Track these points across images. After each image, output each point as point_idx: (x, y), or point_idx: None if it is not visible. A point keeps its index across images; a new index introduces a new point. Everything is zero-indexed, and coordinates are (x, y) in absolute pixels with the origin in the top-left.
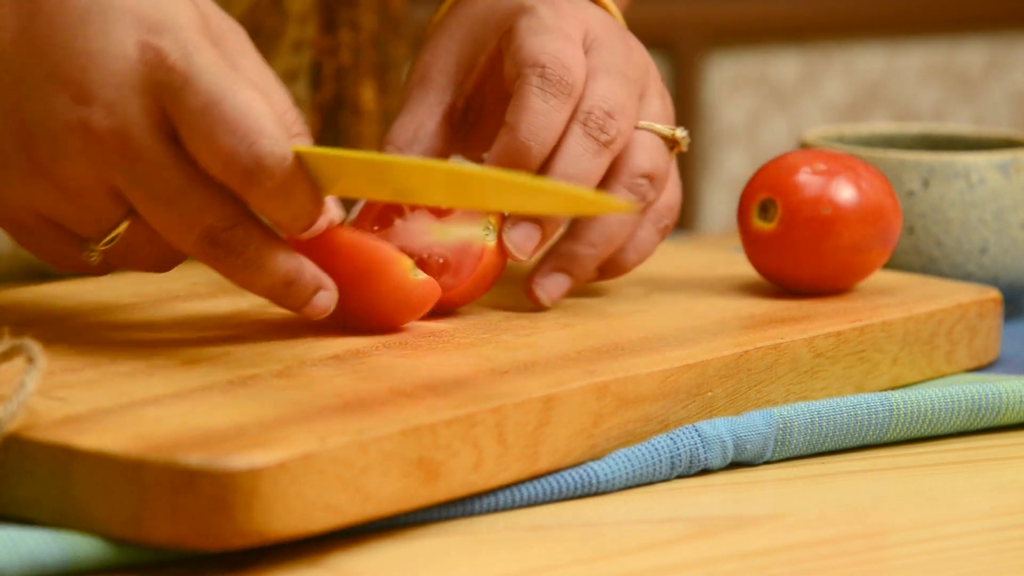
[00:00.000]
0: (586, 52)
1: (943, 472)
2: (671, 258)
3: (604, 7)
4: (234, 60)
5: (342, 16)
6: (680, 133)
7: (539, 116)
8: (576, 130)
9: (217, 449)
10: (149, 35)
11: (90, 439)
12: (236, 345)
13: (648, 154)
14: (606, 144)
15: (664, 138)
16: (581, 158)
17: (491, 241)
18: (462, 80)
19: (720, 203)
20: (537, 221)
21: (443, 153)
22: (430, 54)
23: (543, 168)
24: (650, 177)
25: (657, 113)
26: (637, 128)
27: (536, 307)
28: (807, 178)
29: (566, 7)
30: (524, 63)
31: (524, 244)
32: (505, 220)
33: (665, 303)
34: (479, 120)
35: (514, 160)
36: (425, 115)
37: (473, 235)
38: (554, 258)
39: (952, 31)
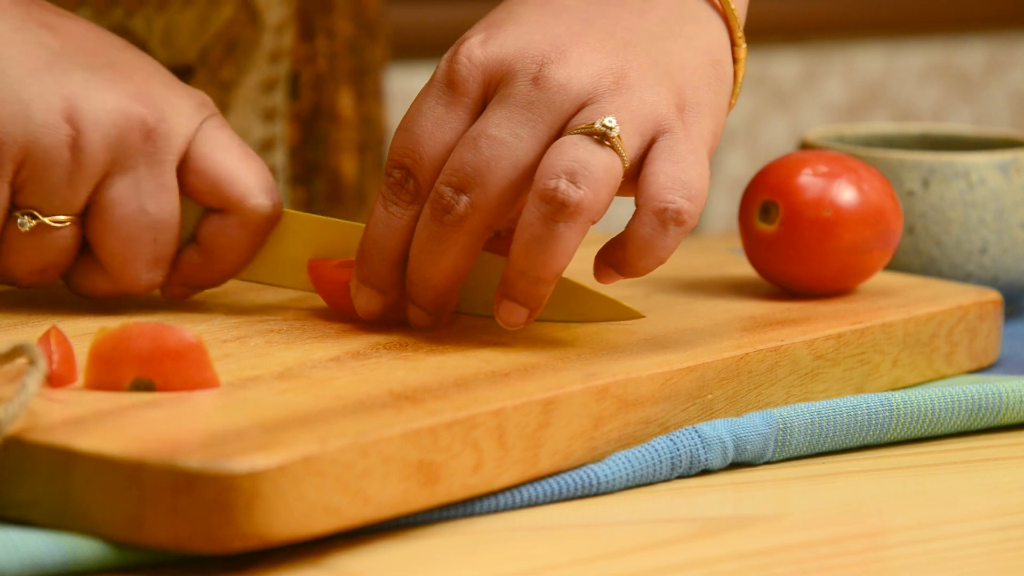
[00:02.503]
0: (491, 97)
1: (943, 472)
2: (671, 259)
3: None
4: None
5: (318, 24)
6: (600, 125)
7: (378, 225)
8: (425, 213)
9: (217, 451)
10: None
11: (90, 441)
12: (236, 347)
13: (561, 154)
14: (452, 224)
15: (587, 135)
16: (427, 243)
17: None
18: None
19: (720, 204)
20: (369, 282)
21: None
22: None
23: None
24: (566, 174)
25: (589, 116)
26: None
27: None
28: (808, 180)
29: (468, 57)
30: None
31: (362, 305)
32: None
33: (665, 304)
34: None
35: (363, 268)
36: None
37: None
38: (500, 284)
39: (952, 31)
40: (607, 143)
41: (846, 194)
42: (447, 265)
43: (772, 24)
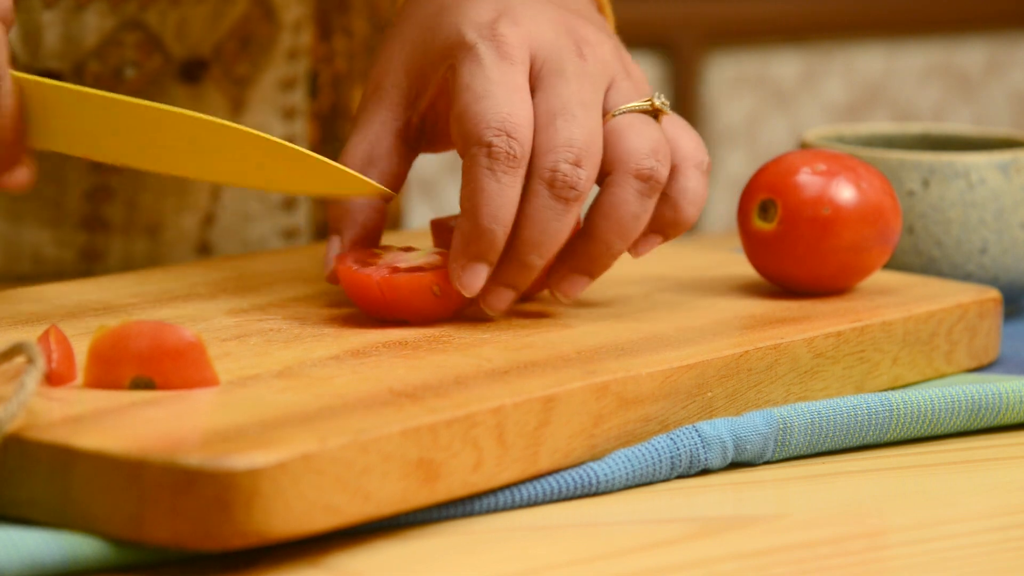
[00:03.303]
0: (535, 85)
1: (943, 472)
2: (671, 258)
3: None
4: None
5: (336, 23)
6: (657, 100)
7: (494, 198)
8: (542, 192)
9: (217, 449)
10: None
11: (90, 439)
12: (236, 345)
13: (641, 133)
14: (575, 199)
15: (645, 112)
16: (550, 222)
17: None
18: (415, 96)
19: (720, 203)
20: (485, 259)
21: (399, 173)
22: (383, 63)
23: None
24: (653, 155)
25: (628, 94)
26: (616, 115)
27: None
28: (807, 178)
29: (509, 33)
30: (469, 139)
31: (473, 283)
32: (450, 261)
33: (665, 303)
34: (435, 135)
35: (480, 247)
36: (379, 134)
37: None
38: (571, 258)
39: (952, 31)
40: (658, 119)
41: (845, 192)
42: (562, 239)
43: (772, 24)
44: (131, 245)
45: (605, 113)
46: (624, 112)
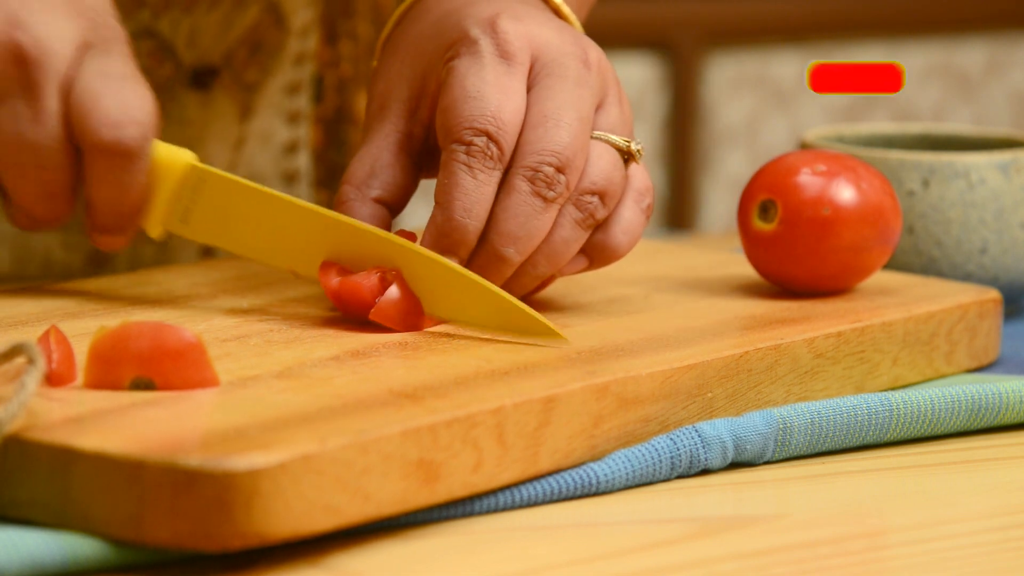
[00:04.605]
0: (533, 83)
1: (943, 472)
2: (671, 258)
3: (561, 16)
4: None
5: (342, 27)
6: (635, 145)
7: (470, 193)
8: (523, 187)
9: (217, 450)
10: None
11: (90, 440)
12: (236, 346)
13: (602, 168)
14: (553, 200)
15: (620, 150)
16: (529, 218)
17: None
18: (416, 106)
19: (720, 203)
20: (455, 252)
21: (404, 185)
22: (384, 81)
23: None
24: (601, 194)
25: (614, 122)
26: (592, 138)
27: None
28: (807, 179)
29: (512, 30)
30: (451, 134)
31: None
32: None
33: (665, 304)
34: (437, 150)
35: (452, 239)
36: (381, 147)
37: None
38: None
39: (952, 31)
40: (627, 164)
41: (845, 193)
42: (538, 238)
43: (772, 24)
44: (138, 250)
45: None
46: (601, 139)
